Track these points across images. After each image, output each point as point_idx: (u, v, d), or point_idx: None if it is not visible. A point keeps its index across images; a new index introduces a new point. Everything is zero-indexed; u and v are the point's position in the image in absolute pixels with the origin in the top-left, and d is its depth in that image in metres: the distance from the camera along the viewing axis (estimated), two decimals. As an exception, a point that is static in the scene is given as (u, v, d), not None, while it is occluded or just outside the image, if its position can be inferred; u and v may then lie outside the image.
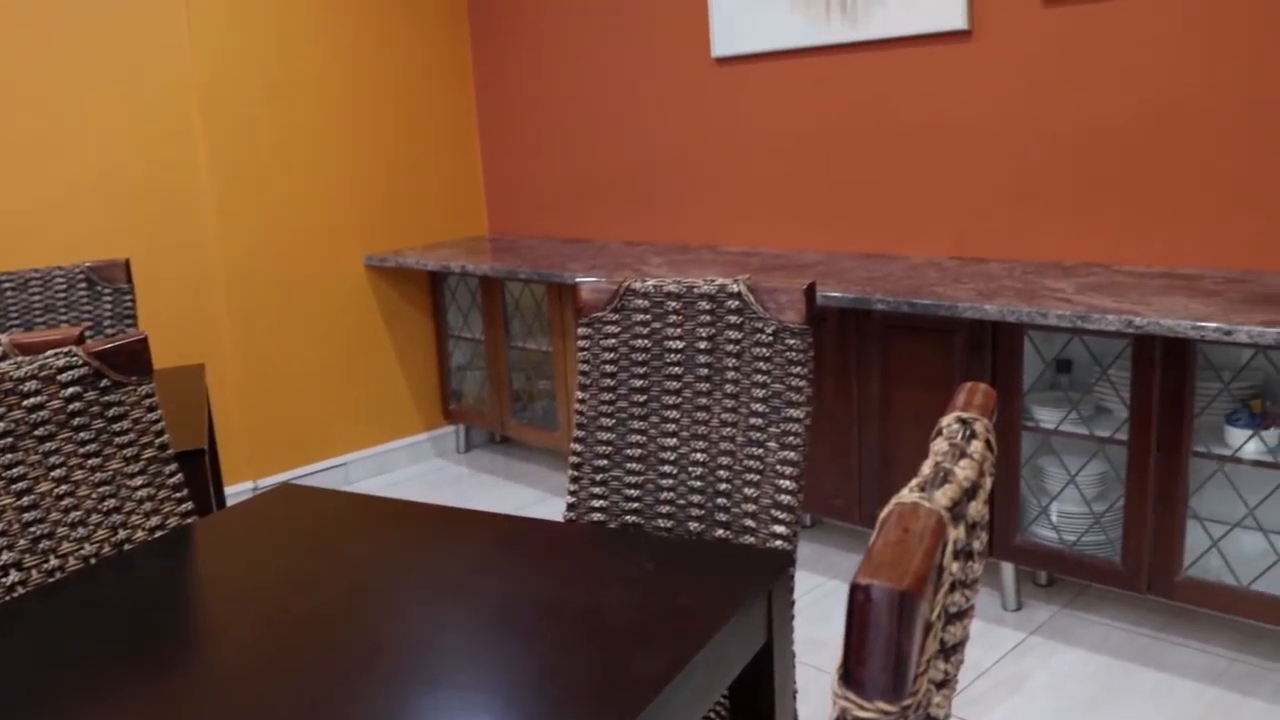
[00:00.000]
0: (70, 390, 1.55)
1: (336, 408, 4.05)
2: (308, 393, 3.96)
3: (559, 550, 1.44)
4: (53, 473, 1.52)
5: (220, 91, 3.63)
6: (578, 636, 1.16)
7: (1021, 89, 2.86)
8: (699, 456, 1.67)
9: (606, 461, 1.74)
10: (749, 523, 1.61)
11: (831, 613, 2.79)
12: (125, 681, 1.13)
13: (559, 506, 3.68)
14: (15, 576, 1.46)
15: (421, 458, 4.34)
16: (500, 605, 1.25)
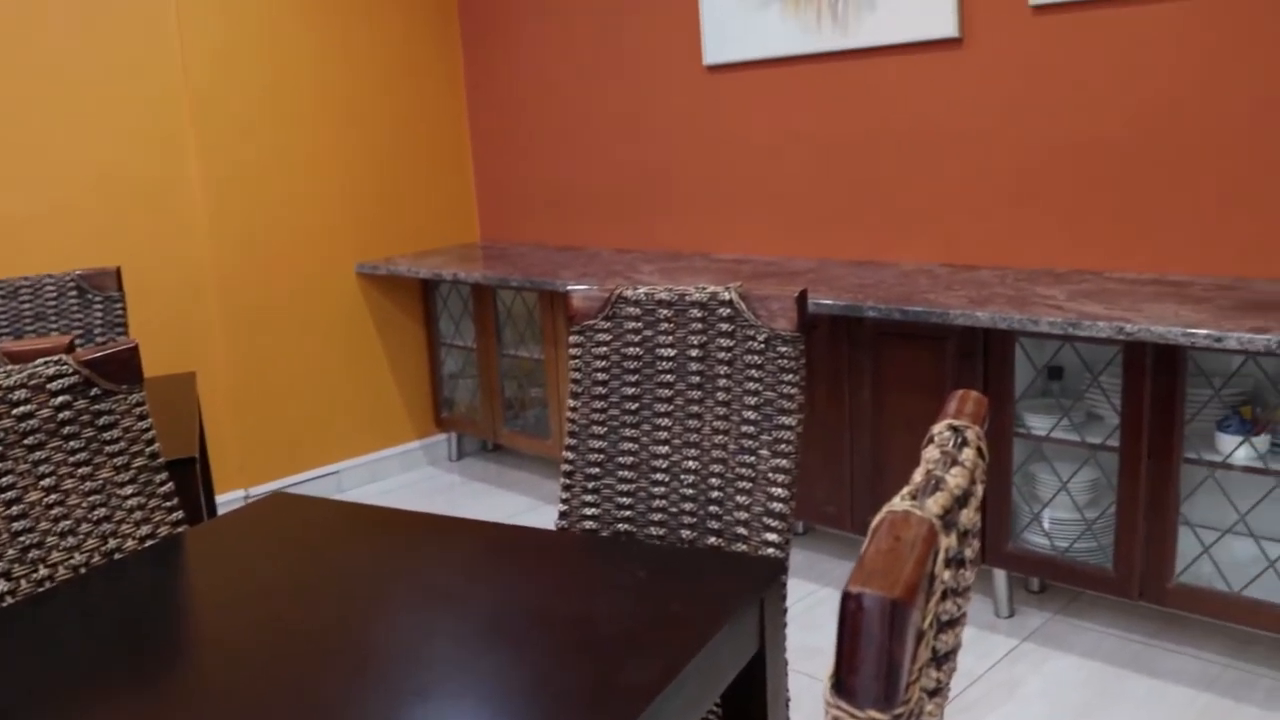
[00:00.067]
0: (60, 399, 1.55)
1: (328, 416, 4.04)
2: (299, 401, 3.95)
3: (551, 558, 1.44)
4: (42, 482, 1.51)
5: (211, 99, 3.63)
6: (569, 645, 1.16)
7: (1012, 96, 2.87)
8: (691, 464, 1.67)
9: (598, 469, 1.74)
10: (741, 530, 1.61)
11: (824, 620, 2.79)
12: (116, 691, 1.13)
13: (551, 514, 3.68)
14: (4, 586, 1.45)
15: (413, 466, 4.33)
16: (492, 614, 1.25)
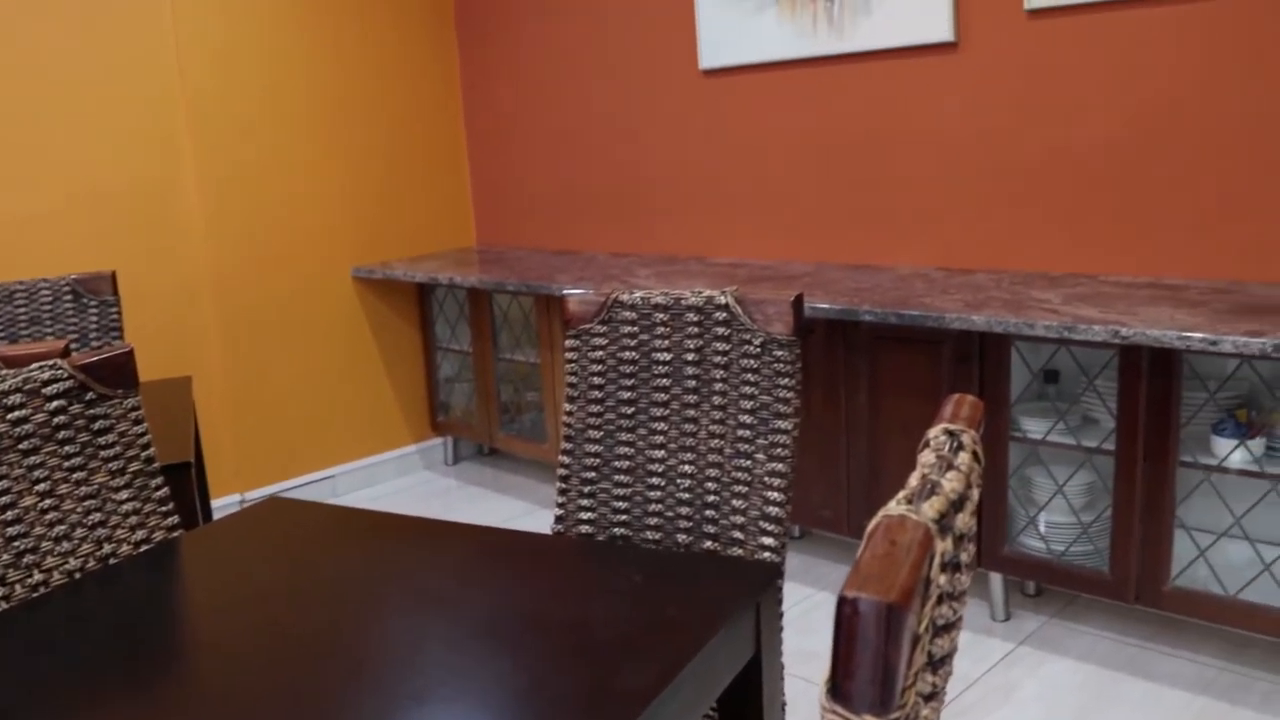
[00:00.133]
0: (55, 403, 1.54)
1: (324, 420, 4.04)
2: (295, 405, 3.94)
3: (547, 563, 1.44)
4: (37, 486, 1.51)
5: (208, 102, 3.63)
6: (565, 649, 1.16)
7: (1007, 100, 2.88)
8: (687, 468, 1.67)
9: (594, 474, 1.73)
10: (737, 534, 1.60)
11: (820, 624, 2.79)
12: (110, 696, 1.13)
13: (547, 519, 3.68)
14: (-1, 591, 1.45)
15: (409, 470, 4.33)
16: (488, 618, 1.25)
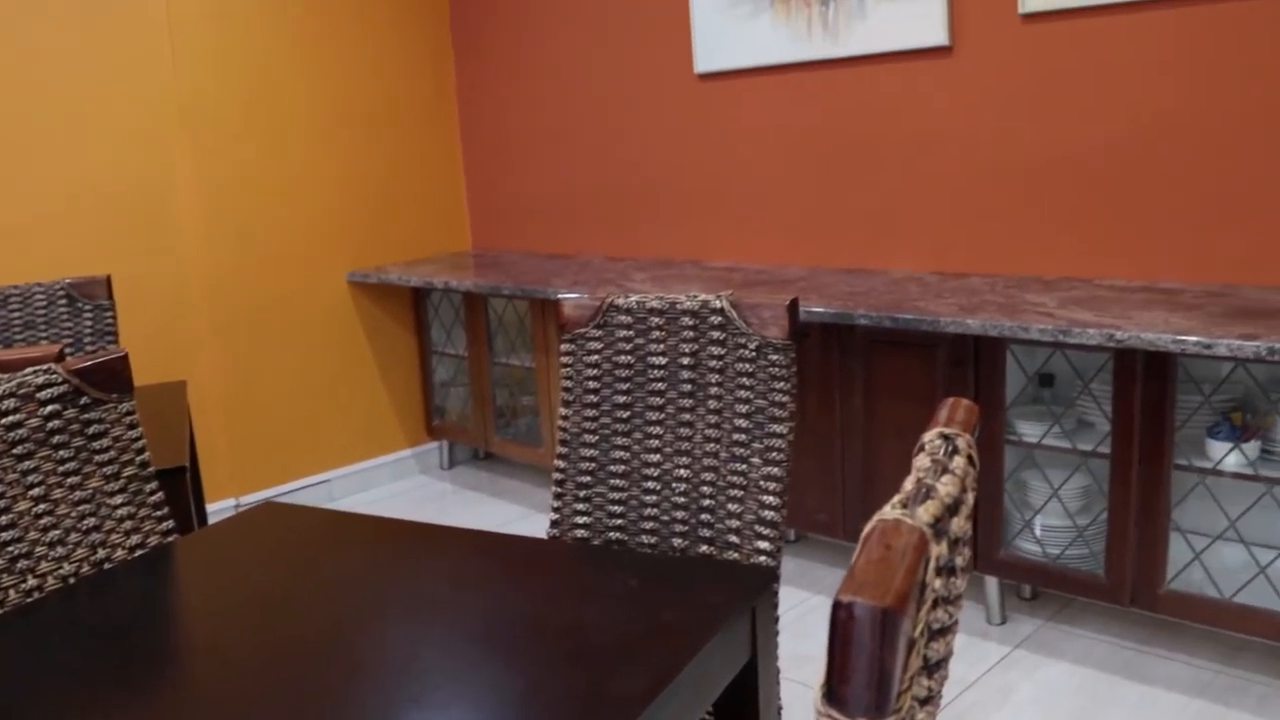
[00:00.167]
0: (49, 408, 1.54)
1: (319, 424, 4.03)
2: (290, 410, 3.94)
3: (542, 567, 1.44)
4: (31, 491, 1.51)
5: (202, 107, 3.62)
6: (561, 654, 1.16)
7: (1002, 104, 2.88)
8: (682, 473, 1.67)
9: (590, 478, 1.73)
10: (733, 539, 1.60)
11: (816, 628, 2.79)
12: (105, 702, 1.12)
13: (543, 523, 3.67)
14: (-8, 597, 1.44)
15: (405, 474, 4.32)
16: (483, 623, 1.24)
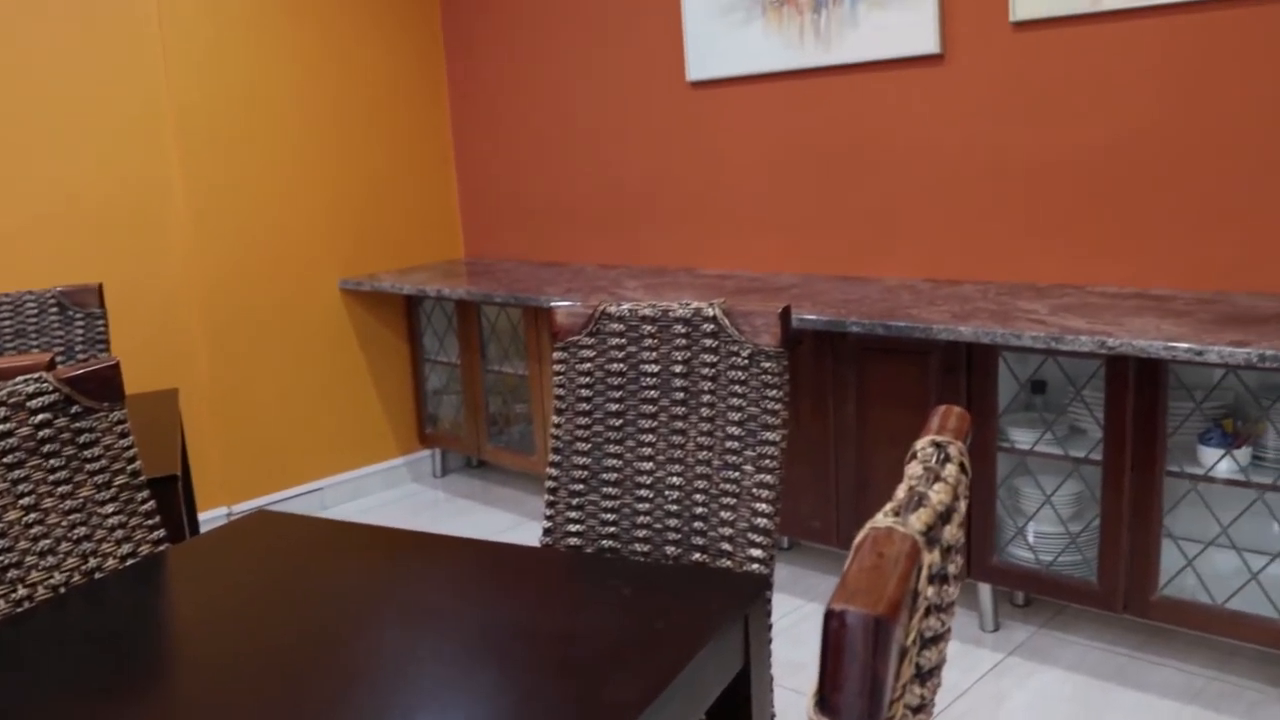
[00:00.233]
0: (40, 417, 1.53)
1: (311, 433, 4.02)
2: (282, 418, 3.93)
3: (535, 575, 1.44)
4: (21, 500, 1.50)
5: (195, 115, 3.62)
6: (554, 662, 1.16)
7: (993, 112, 2.89)
8: (675, 480, 1.67)
9: (583, 486, 1.73)
10: (726, 546, 1.60)
11: (809, 635, 2.79)
12: (97, 712, 1.12)
13: (536, 531, 3.67)
14: (-18, 607, 1.44)
15: (397, 482, 4.31)
16: (476, 631, 1.24)
